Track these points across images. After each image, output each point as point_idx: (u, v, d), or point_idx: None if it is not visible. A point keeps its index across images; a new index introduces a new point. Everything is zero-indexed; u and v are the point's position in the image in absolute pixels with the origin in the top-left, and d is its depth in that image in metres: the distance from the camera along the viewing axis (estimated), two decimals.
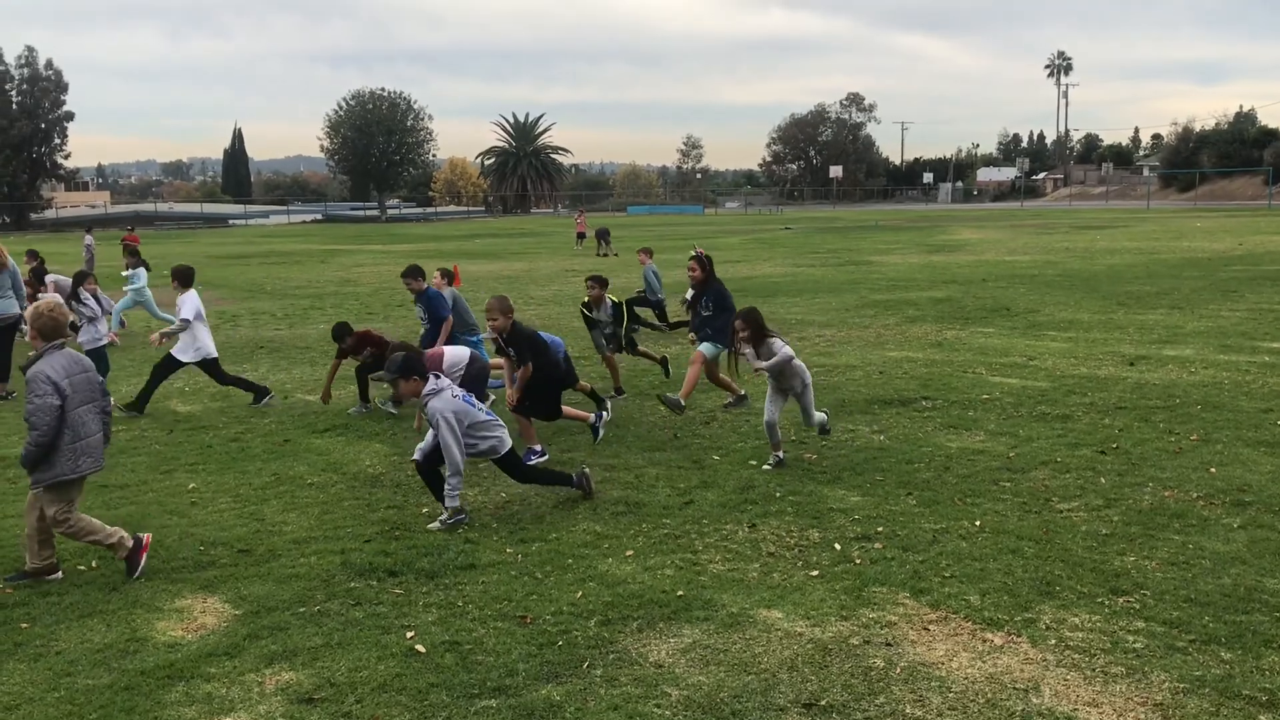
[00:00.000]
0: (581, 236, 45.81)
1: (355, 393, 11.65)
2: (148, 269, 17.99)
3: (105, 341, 12.76)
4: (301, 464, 9.27)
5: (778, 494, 7.99)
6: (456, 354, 10.42)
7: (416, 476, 8.71)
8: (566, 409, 9.86)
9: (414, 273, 12.18)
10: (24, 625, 5.85)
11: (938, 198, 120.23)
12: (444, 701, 4.87)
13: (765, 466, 8.70)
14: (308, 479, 8.79)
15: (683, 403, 10.27)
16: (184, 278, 11.76)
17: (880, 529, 7.12)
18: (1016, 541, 6.80)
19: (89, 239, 32.82)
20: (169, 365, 11.73)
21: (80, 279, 13.10)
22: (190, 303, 11.60)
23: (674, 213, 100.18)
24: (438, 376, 7.72)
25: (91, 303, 12.58)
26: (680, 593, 6.10)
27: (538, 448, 9.32)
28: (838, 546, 6.82)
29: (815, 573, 6.38)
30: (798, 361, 8.77)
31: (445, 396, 7.57)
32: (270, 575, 6.53)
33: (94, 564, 6.79)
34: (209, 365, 11.87)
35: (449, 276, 12.65)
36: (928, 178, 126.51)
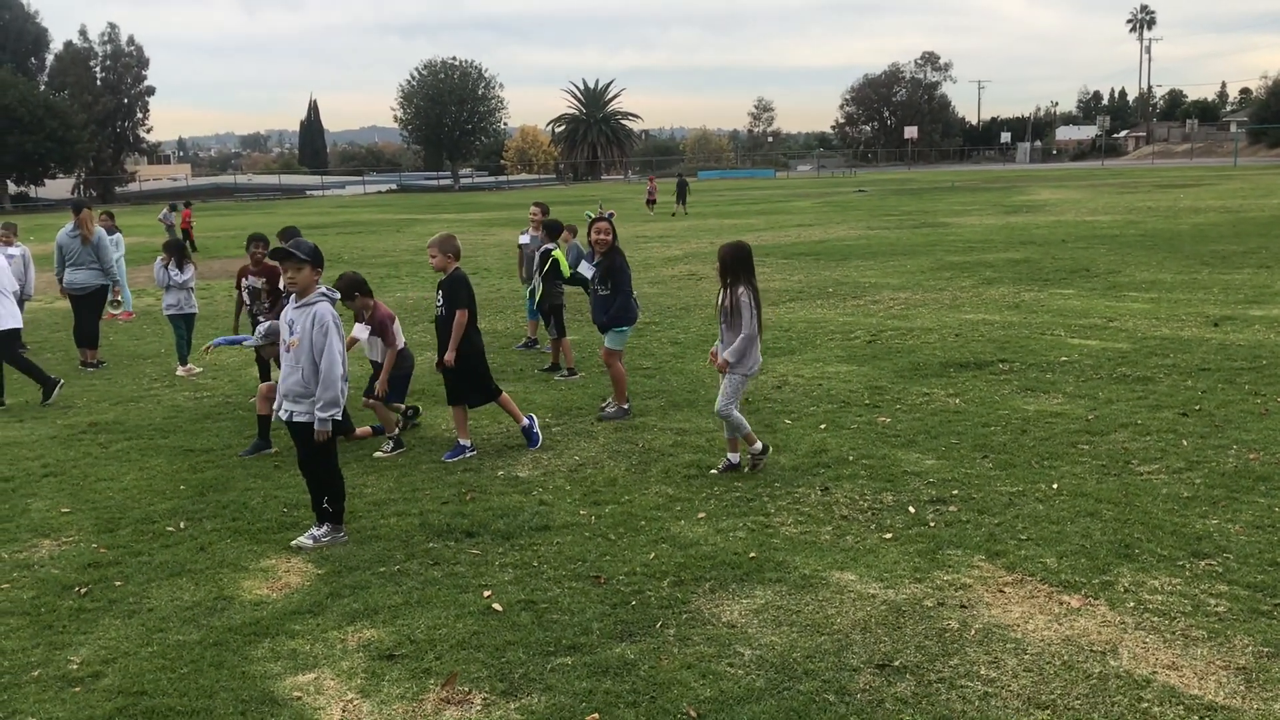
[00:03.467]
0: (652, 203, 45.72)
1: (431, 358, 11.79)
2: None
3: (192, 310, 12.88)
4: None
5: (850, 458, 7.96)
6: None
7: (491, 440, 8.84)
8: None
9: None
10: (118, 583, 6.07)
11: (1015, 157, 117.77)
12: (521, 659, 4.96)
13: (713, 471, 7.76)
14: (385, 443, 8.94)
15: (626, 407, 9.61)
16: None
17: (955, 492, 7.07)
18: (1095, 504, 6.71)
19: (165, 212, 33.89)
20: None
21: (174, 249, 13.18)
22: None
23: (745, 177, 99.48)
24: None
25: (175, 274, 12.79)
26: (752, 554, 6.13)
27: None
28: (912, 510, 6.78)
29: (889, 535, 6.36)
30: (758, 350, 7.73)
31: (331, 309, 6.63)
32: (351, 536, 6.68)
33: (182, 525, 7.01)
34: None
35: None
36: (1005, 137, 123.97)
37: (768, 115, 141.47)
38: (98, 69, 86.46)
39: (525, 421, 8.78)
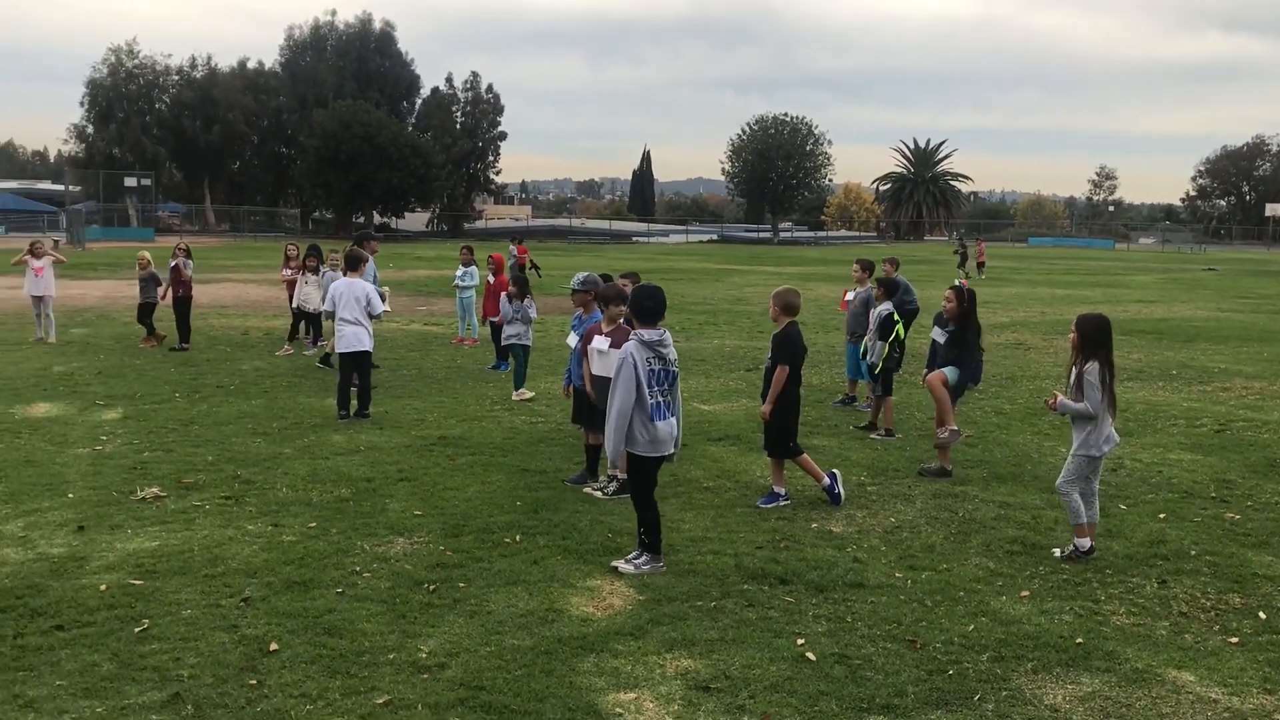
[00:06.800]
0: (982, 265, 44.37)
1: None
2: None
3: (528, 342, 13.72)
4: (698, 469, 9.73)
5: (1192, 552, 7.43)
6: None
7: (804, 491, 8.90)
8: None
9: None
10: (461, 585, 6.60)
11: None
12: (833, 710, 4.99)
13: (1055, 551, 7.40)
14: (703, 483, 9.22)
15: (955, 429, 9.56)
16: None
17: None
18: None
19: (513, 248, 36.17)
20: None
21: (520, 284, 14.09)
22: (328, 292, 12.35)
23: (1080, 246, 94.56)
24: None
25: (518, 307, 13.60)
26: (1079, 640, 5.86)
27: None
28: (1263, 615, 6.25)
29: (1235, 639, 5.90)
30: (1110, 429, 7.32)
31: (634, 347, 6.89)
32: (669, 568, 6.94)
33: (518, 538, 7.53)
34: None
35: None
36: None
37: (1109, 184, 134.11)
38: (458, 114, 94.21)
39: (826, 480, 8.72)
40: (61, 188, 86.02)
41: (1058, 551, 7.38)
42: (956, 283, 9.93)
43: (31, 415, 11.74)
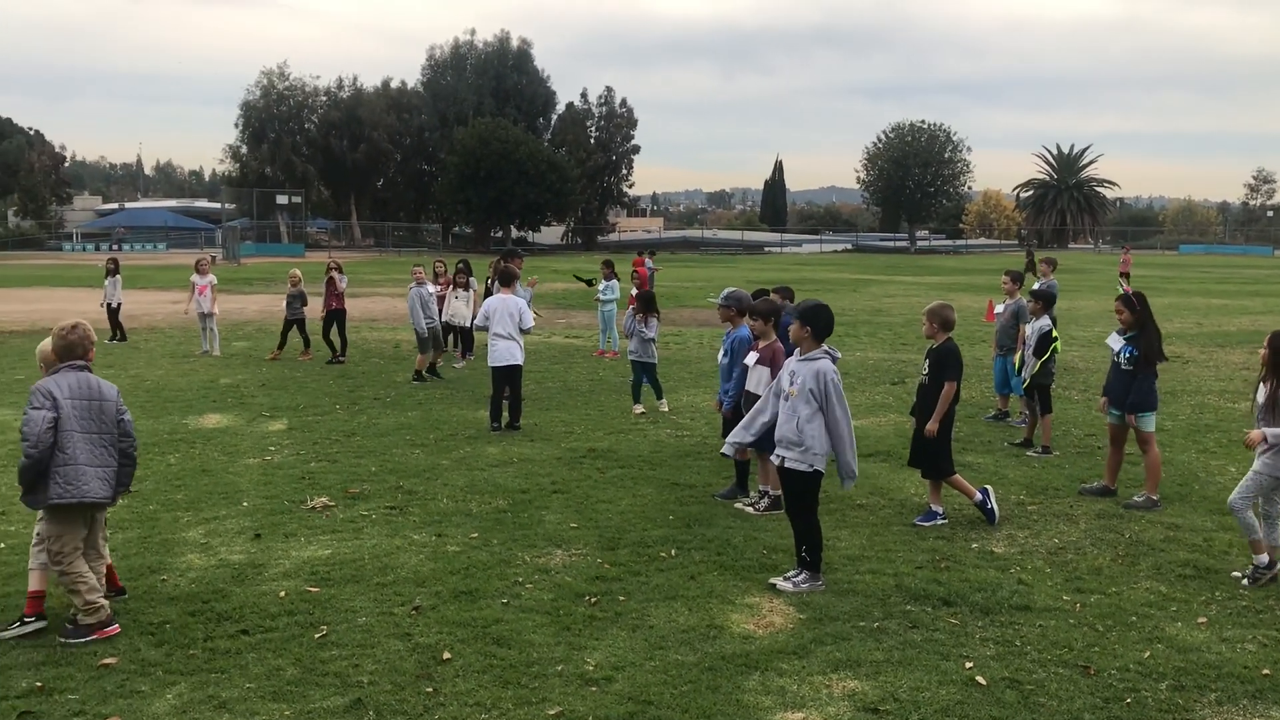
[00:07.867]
0: (1125, 276, 42.79)
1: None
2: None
3: (650, 360, 13.53)
4: None
5: None
6: None
7: (962, 510, 8.73)
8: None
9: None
10: (621, 598, 6.69)
11: None
12: None
13: (1235, 574, 7.14)
14: (856, 500, 9.13)
15: (1156, 499, 8.94)
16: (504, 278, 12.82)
17: None
18: None
19: (649, 261, 36.37)
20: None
21: (646, 302, 14.08)
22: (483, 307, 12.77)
23: (1235, 253, 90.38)
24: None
25: (641, 325, 13.50)
26: (1266, 671, 5.61)
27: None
28: None
29: None
30: None
31: (834, 367, 7.00)
32: (829, 586, 6.90)
33: (673, 552, 7.58)
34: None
35: None
36: None
37: (1267, 187, 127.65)
38: (592, 128, 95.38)
39: (979, 497, 8.53)
40: (218, 205, 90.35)
41: (1238, 574, 7.08)
42: (1121, 290, 9.56)
43: (204, 426, 12.35)
